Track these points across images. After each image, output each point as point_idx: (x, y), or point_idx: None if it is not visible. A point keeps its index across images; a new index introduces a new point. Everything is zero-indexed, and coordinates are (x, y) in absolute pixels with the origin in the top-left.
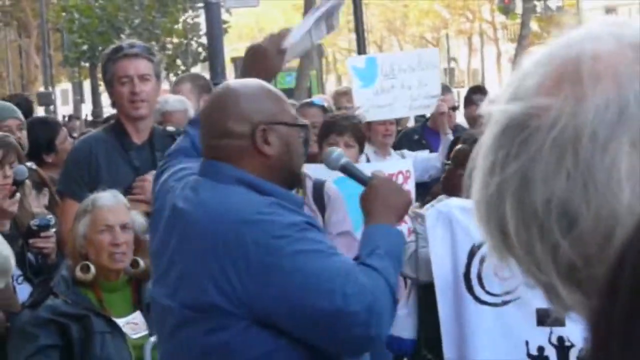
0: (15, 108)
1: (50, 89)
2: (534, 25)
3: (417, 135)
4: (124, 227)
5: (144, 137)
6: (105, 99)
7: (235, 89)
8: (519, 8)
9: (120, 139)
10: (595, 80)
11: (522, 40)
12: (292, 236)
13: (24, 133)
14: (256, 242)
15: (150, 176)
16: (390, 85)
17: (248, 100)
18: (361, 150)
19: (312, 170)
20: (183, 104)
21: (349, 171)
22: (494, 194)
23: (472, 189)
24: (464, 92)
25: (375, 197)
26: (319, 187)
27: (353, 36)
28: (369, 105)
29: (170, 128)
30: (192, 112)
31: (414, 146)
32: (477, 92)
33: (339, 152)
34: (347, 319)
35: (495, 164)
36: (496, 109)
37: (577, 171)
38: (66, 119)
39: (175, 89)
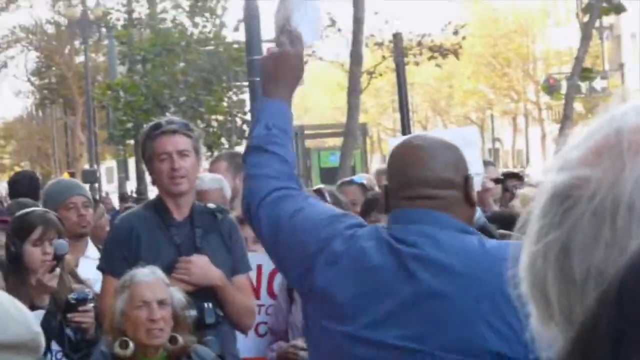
0: (81, 185)
1: (95, 166)
2: (578, 106)
3: None
4: (161, 303)
5: (185, 213)
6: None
7: (437, 140)
8: (564, 89)
9: (161, 215)
10: (635, 152)
11: (566, 120)
12: None
13: (90, 210)
14: None
15: (195, 258)
16: None
17: (454, 151)
18: None
19: None
20: (219, 182)
21: (486, 230)
22: (537, 261)
23: (520, 257)
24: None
25: None
26: None
27: (397, 116)
28: None
29: (210, 205)
30: (228, 191)
31: None
32: (511, 177)
33: (480, 213)
34: None
35: (540, 232)
36: (545, 179)
37: (614, 241)
38: (104, 194)
39: (211, 167)
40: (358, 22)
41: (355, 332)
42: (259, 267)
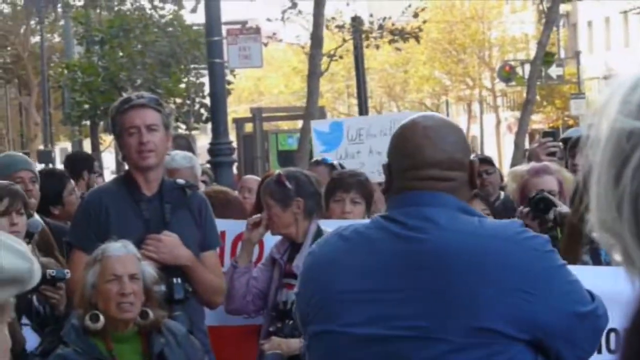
0: (29, 160)
1: (50, 147)
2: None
3: None
4: (132, 277)
5: (154, 188)
6: (105, 158)
7: (445, 120)
8: (520, 75)
9: (130, 190)
10: None
11: (528, 104)
12: (554, 250)
13: (36, 186)
14: (534, 259)
15: (165, 237)
16: (356, 151)
17: (461, 132)
18: (368, 207)
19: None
20: (190, 160)
21: None
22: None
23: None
24: None
25: None
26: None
27: (352, 101)
28: None
29: (180, 181)
30: (199, 169)
31: None
32: (482, 162)
33: None
34: (604, 321)
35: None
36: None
37: None
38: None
39: None
40: (319, 4)
41: (362, 330)
42: (222, 233)
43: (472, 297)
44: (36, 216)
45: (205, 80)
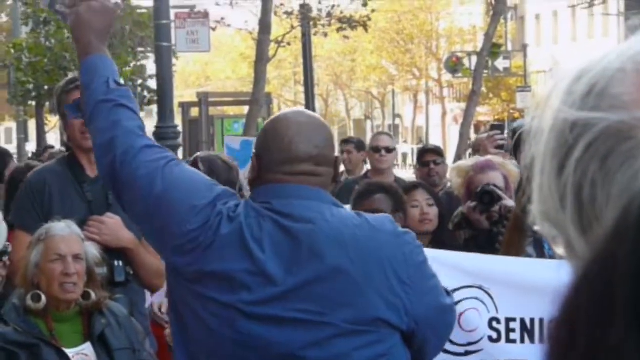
0: None
1: None
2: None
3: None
4: (76, 257)
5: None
6: (50, 138)
7: (315, 117)
8: (467, 67)
9: (73, 171)
10: None
11: (474, 95)
12: (422, 245)
13: None
14: (410, 253)
15: (107, 219)
16: None
17: (329, 130)
18: None
19: None
20: None
21: None
22: (570, 192)
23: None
24: (406, 147)
25: None
26: None
27: (299, 88)
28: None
29: None
30: None
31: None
32: (430, 152)
33: None
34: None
35: (583, 163)
36: (586, 115)
37: None
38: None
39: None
40: None
41: (256, 308)
42: None
43: (361, 286)
44: None
45: (147, 62)
